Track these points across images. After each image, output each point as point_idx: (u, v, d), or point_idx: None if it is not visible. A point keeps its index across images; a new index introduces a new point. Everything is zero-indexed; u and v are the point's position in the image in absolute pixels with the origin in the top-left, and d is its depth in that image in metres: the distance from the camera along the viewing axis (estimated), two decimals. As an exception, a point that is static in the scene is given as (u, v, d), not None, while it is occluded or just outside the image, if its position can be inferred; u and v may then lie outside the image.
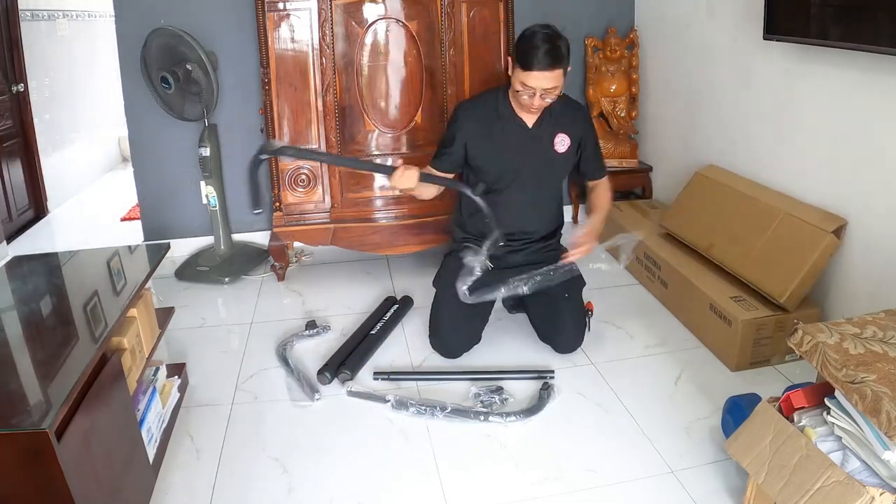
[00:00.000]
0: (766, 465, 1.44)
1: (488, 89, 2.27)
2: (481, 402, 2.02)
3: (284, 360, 2.29)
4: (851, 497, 1.25)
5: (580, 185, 3.45)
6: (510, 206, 2.21)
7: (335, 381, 2.17)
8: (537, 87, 2.01)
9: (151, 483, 1.70)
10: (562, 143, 2.20)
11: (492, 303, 2.40)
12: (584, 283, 2.37)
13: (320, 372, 2.18)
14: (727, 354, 2.22)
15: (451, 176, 2.28)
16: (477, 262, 2.02)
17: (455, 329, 2.28)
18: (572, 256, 2.13)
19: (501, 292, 2.07)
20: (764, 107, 2.50)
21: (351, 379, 2.17)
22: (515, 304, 2.54)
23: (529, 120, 2.18)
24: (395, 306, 2.61)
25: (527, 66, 1.98)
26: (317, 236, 2.88)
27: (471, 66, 2.80)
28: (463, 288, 2.03)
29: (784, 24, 2.17)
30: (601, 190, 2.36)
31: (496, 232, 2.05)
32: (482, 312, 2.33)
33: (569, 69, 2.07)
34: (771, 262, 2.28)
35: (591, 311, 2.47)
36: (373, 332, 2.40)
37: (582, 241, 2.14)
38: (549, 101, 2.07)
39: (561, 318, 2.27)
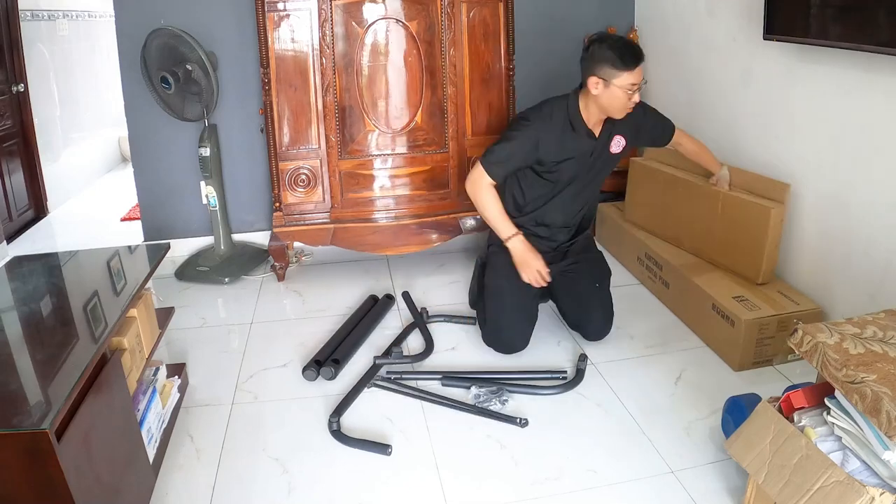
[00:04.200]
0: (767, 465, 1.44)
1: (548, 101, 2.24)
2: (480, 401, 2.03)
3: (340, 435, 1.93)
4: (851, 497, 1.25)
5: None
6: (560, 204, 2.32)
7: (323, 379, 2.19)
8: (637, 81, 2.09)
9: (151, 483, 1.70)
10: (617, 143, 2.29)
11: (539, 296, 2.42)
12: (610, 273, 2.47)
13: (306, 368, 2.20)
14: (730, 354, 2.22)
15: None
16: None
17: (517, 326, 2.29)
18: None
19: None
20: (764, 106, 2.49)
21: (333, 377, 2.18)
22: (543, 294, 2.48)
23: (597, 129, 2.23)
24: (382, 303, 2.66)
25: (631, 64, 2.05)
26: (317, 236, 2.88)
27: (471, 66, 2.80)
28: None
29: (784, 24, 2.17)
30: (685, 141, 2.51)
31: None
32: (534, 309, 2.38)
33: None
34: (733, 245, 2.46)
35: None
36: (355, 329, 2.44)
37: (722, 183, 2.50)
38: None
39: (591, 307, 2.36)
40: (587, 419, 1.98)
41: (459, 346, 2.39)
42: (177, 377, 2.06)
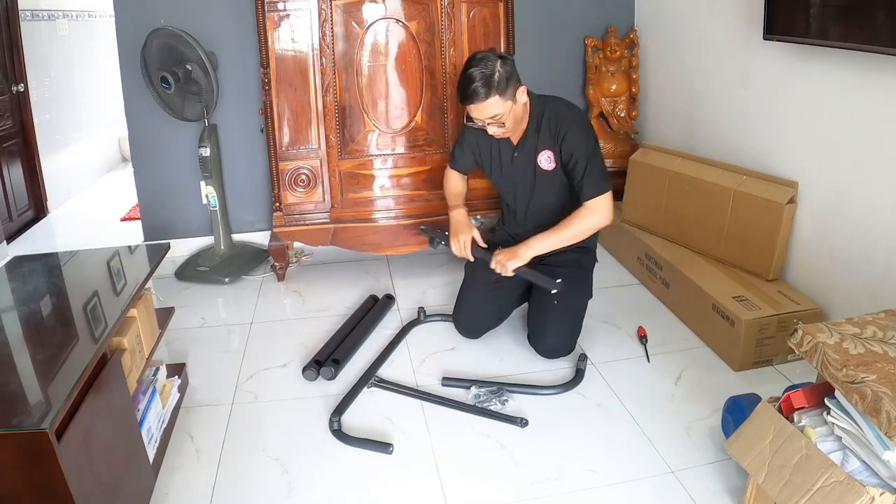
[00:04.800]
0: (766, 465, 1.44)
1: None
2: (480, 401, 2.03)
3: (342, 435, 1.93)
4: (851, 497, 1.25)
5: None
6: (510, 214, 2.39)
7: (323, 379, 2.19)
8: (480, 117, 2.06)
9: (151, 483, 1.70)
10: (547, 160, 2.16)
11: (516, 296, 2.43)
12: (587, 296, 2.35)
13: (306, 368, 2.20)
14: (730, 354, 2.22)
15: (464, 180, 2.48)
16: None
17: (471, 310, 2.37)
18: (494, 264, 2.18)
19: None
20: (763, 106, 2.49)
21: (333, 377, 2.18)
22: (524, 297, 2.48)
23: (514, 137, 2.20)
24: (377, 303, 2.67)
25: (462, 101, 2.07)
26: (317, 236, 2.88)
27: (471, 66, 2.80)
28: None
29: (784, 24, 2.17)
30: (577, 213, 2.11)
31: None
32: (501, 302, 2.38)
33: (519, 90, 2.05)
34: (743, 242, 2.47)
35: (646, 336, 2.38)
36: (354, 330, 2.45)
37: (500, 257, 2.16)
38: (502, 128, 2.09)
39: (544, 322, 2.25)
40: (587, 419, 1.98)
41: (459, 347, 2.39)
42: (177, 377, 2.06)
